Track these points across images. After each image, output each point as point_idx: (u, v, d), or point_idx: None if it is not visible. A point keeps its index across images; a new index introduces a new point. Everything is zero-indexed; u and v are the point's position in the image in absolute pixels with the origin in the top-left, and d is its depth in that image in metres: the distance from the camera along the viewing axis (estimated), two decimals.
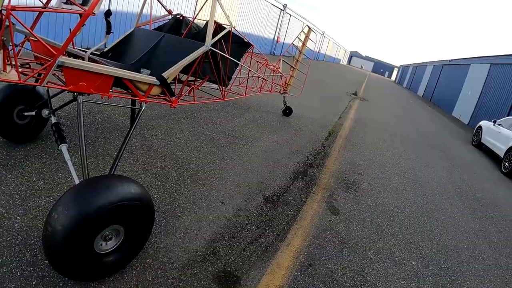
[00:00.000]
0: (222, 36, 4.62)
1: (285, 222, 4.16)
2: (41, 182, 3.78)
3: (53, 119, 3.74)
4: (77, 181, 2.92)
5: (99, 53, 4.77)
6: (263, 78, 7.23)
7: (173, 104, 4.11)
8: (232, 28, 4.79)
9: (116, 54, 4.93)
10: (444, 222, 5.41)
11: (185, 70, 4.39)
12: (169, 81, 3.83)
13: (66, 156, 3.24)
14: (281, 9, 31.27)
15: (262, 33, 29.13)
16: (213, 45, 4.34)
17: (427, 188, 6.78)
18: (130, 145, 5.09)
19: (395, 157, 8.40)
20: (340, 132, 9.32)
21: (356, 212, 4.87)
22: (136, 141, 5.30)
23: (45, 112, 3.89)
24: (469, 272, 4.22)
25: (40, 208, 3.38)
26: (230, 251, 3.42)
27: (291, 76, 8.98)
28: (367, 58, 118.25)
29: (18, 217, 3.20)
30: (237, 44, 5.14)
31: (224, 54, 4.67)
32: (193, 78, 4.94)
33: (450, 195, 6.82)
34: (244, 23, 25.38)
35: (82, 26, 2.85)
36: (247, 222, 3.97)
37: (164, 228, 3.49)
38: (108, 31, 4.15)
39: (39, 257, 2.79)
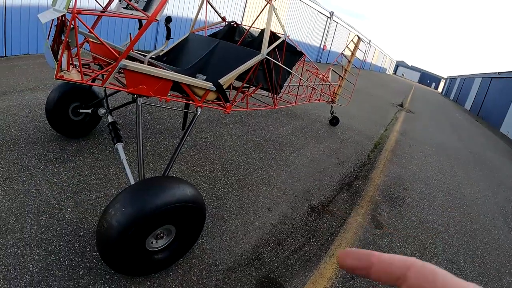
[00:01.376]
0: (276, 45, 4.68)
1: (329, 233, 4.22)
2: (93, 177, 3.98)
3: (110, 118, 3.89)
4: (132, 180, 3.08)
5: (155, 57, 4.94)
6: (313, 87, 7.28)
7: (227, 110, 4.18)
8: (286, 38, 4.84)
9: (171, 58, 5.07)
10: (488, 244, 5.29)
11: (239, 77, 4.44)
12: (224, 87, 3.90)
13: (122, 154, 3.38)
14: (328, 17, 31.11)
15: (309, 41, 29.07)
16: (268, 54, 4.40)
17: (472, 207, 6.64)
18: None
19: (441, 173, 8.26)
20: (386, 145, 9.25)
21: (400, 227, 4.86)
22: (186, 143, 5.46)
23: (101, 111, 4.07)
24: None
25: (91, 202, 3.55)
26: (274, 258, 3.50)
27: (339, 86, 8.98)
28: (413, 68, 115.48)
29: (69, 209, 3.38)
30: (290, 53, 5.18)
31: (278, 63, 4.73)
32: (247, 85, 5.02)
33: (495, 215, 6.65)
34: (291, 30, 25.44)
35: (144, 32, 2.94)
36: (292, 230, 4.05)
37: (211, 230, 3.59)
38: (168, 37, 4.31)
39: (88, 249, 2.93)
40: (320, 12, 29.27)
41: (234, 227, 3.76)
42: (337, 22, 33.53)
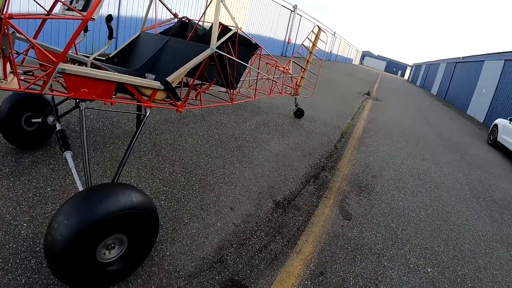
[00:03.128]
0: (229, 38, 4.55)
1: (295, 228, 4.05)
2: (48, 189, 3.78)
3: (58, 126, 3.74)
4: (81, 189, 2.90)
5: (104, 58, 4.73)
6: (273, 80, 7.14)
7: (179, 109, 4.05)
8: (239, 30, 4.71)
9: (122, 59, 4.90)
10: (461, 225, 5.24)
11: (191, 74, 4.33)
12: (174, 85, 3.78)
13: (71, 163, 3.24)
14: (292, 10, 31.17)
15: (273, 35, 29.06)
16: (219, 47, 4.27)
17: (443, 190, 6.61)
18: (138, 150, 5.06)
19: (410, 158, 8.23)
20: (353, 134, 9.17)
21: (370, 216, 4.73)
22: (145, 146, 5.26)
23: (50, 119, 3.93)
24: (487, 278, 4.06)
25: (47, 215, 3.36)
26: (238, 259, 3.33)
27: (301, 77, 8.86)
28: (379, 58, 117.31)
29: (24, 224, 3.20)
30: (244, 46, 5.05)
31: (231, 57, 4.59)
32: (200, 82, 4.86)
33: (466, 196, 6.64)
34: (254, 25, 25.35)
35: (82, 31, 2.87)
36: (256, 228, 3.87)
37: (171, 235, 3.43)
38: (110, 36, 4.10)
39: (44, 265, 2.77)
40: (283, 6, 29.26)
41: (195, 230, 3.59)
42: (301, 16, 33.61)
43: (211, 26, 4.92)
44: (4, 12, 2.50)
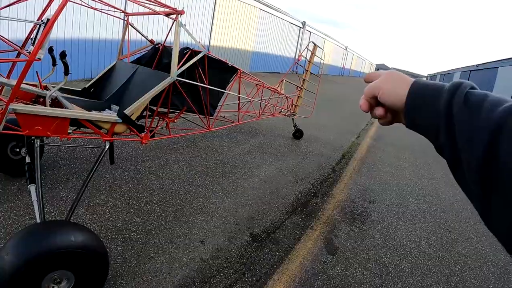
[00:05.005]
0: (200, 63, 4.45)
1: (269, 265, 3.71)
2: (27, 217, 3.85)
3: (28, 159, 3.86)
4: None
5: (80, 89, 4.86)
6: (260, 102, 6.91)
7: (143, 141, 4.02)
8: (207, 53, 4.57)
9: (97, 89, 4.98)
10: (468, 256, 4.70)
11: (156, 103, 4.28)
12: (134, 117, 3.75)
13: (33, 196, 3.29)
14: (300, 27, 31.14)
15: (282, 52, 29.03)
16: (190, 74, 4.25)
17: (450, 214, 6.10)
18: (120, 179, 4.98)
19: (416, 177, 7.78)
20: (355, 154, 8.78)
21: (359, 250, 4.32)
22: (128, 173, 5.16)
23: (24, 151, 4.12)
24: None
25: None
26: None
27: (298, 96, 8.58)
28: (394, 70, 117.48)
29: None
30: (218, 70, 4.90)
31: (198, 83, 4.49)
32: (170, 111, 4.76)
33: (477, 219, 6.02)
34: (262, 42, 25.32)
35: (27, 73, 2.87)
36: (225, 264, 3.60)
37: (133, 269, 3.30)
38: (66, 72, 4.12)
39: None
40: (292, 23, 29.26)
41: (159, 265, 3.42)
42: (310, 32, 33.55)
43: (181, 51, 4.82)
44: None
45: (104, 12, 5.32)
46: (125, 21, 5.44)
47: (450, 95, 0.70)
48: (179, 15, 4.15)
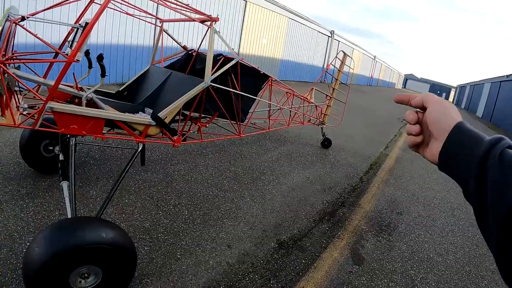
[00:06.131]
0: (233, 70, 4.53)
1: (295, 273, 3.72)
2: (57, 213, 3.97)
3: (61, 157, 3.99)
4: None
5: (114, 92, 5.02)
6: (290, 110, 6.95)
7: (175, 144, 4.10)
8: (240, 60, 4.64)
9: (130, 92, 5.12)
10: (495, 271, 4.57)
11: (189, 108, 4.37)
12: (167, 120, 3.84)
13: (65, 192, 3.39)
14: (329, 36, 31.08)
15: (311, 61, 29.00)
16: (223, 80, 4.33)
17: (479, 229, 5.99)
18: (149, 180, 5.09)
19: (444, 190, 7.65)
20: (383, 164, 8.70)
21: (385, 261, 4.28)
22: (156, 176, 5.27)
23: (57, 149, 4.23)
24: None
25: None
26: None
27: (327, 105, 8.58)
28: (422, 80, 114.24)
29: (27, 243, 3.39)
30: (251, 77, 4.97)
31: (231, 89, 4.56)
32: (203, 116, 4.86)
33: None
34: (291, 51, 25.36)
35: (65, 73, 2.99)
36: (250, 269, 3.63)
37: (159, 269, 3.37)
38: (103, 74, 4.24)
39: None
40: (320, 32, 29.22)
41: (185, 267, 3.47)
42: (339, 41, 33.45)
43: (216, 58, 4.92)
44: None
45: (138, 18, 5.44)
46: (158, 27, 5.56)
47: (487, 149, 0.71)
48: (214, 22, 4.24)
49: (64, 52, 3.99)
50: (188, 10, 4.42)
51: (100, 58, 3.95)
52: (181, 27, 13.90)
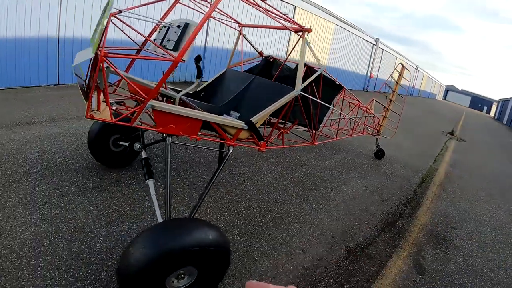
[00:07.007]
0: (313, 79, 4.59)
1: (365, 279, 3.98)
2: (127, 208, 4.08)
3: (144, 154, 3.96)
4: (159, 218, 3.12)
5: (192, 92, 5.04)
6: (355, 120, 7.13)
7: (261, 148, 4.15)
8: (323, 71, 4.75)
9: (208, 94, 5.13)
10: None
11: (275, 114, 4.43)
12: (258, 125, 3.88)
13: (152, 191, 3.41)
14: (373, 44, 30.87)
15: (355, 69, 28.93)
16: (304, 89, 4.35)
17: None
18: (217, 182, 5.28)
19: (493, 208, 7.71)
20: (434, 178, 8.81)
21: (445, 273, 4.52)
22: (223, 177, 5.49)
23: (137, 146, 4.07)
24: None
25: (123, 233, 3.64)
26: None
27: (384, 117, 8.76)
28: (463, 92, 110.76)
29: (100, 238, 3.49)
30: (328, 87, 5.09)
31: (315, 99, 4.64)
32: (283, 122, 4.97)
33: None
34: (335, 59, 25.39)
35: (172, 72, 3.01)
36: (325, 274, 3.84)
37: (240, 270, 3.49)
38: (199, 76, 4.31)
39: (113, 279, 2.99)
40: (365, 40, 29.10)
41: (264, 269, 3.63)
42: (383, 49, 33.19)
43: (296, 67, 5.05)
44: (100, 49, 2.71)
45: (219, 21, 5.48)
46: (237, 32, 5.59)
47: None
48: (306, 32, 4.33)
49: (147, 49, 4.14)
50: (286, 20, 4.43)
51: (198, 59, 4.09)
52: (254, 33, 14.21)
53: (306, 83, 4.33)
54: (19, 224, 3.50)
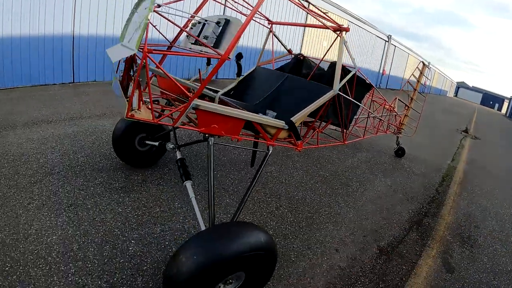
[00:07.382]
0: (349, 78, 4.60)
1: (399, 278, 4.07)
2: (157, 209, 4.04)
3: (179, 155, 3.92)
4: (202, 225, 3.06)
5: (220, 90, 4.94)
6: (380, 119, 7.19)
7: (298, 148, 4.14)
8: (358, 70, 4.77)
9: (238, 92, 5.07)
10: None
11: (311, 114, 4.40)
12: (296, 125, 3.86)
13: (191, 193, 3.36)
14: (386, 41, 30.73)
15: (368, 65, 28.82)
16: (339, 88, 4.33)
17: None
18: (244, 180, 5.33)
19: None
20: (454, 177, 8.88)
21: (472, 271, 4.63)
22: (250, 176, 5.53)
23: (170, 146, 4.07)
24: None
25: (155, 236, 3.58)
26: None
27: (405, 115, 8.83)
28: (474, 89, 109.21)
29: (133, 241, 3.42)
30: (359, 87, 5.10)
31: (349, 98, 4.65)
32: (318, 122, 4.96)
33: None
34: (349, 56, 25.38)
35: (217, 71, 2.96)
36: (361, 274, 3.92)
37: (278, 272, 3.49)
38: (239, 74, 4.27)
39: (151, 285, 2.93)
40: (378, 36, 29.00)
41: (302, 269, 3.67)
42: (395, 46, 33.04)
43: (330, 66, 5.01)
44: (142, 45, 2.61)
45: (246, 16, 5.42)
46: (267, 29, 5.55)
47: None
48: (344, 31, 4.32)
49: (178, 45, 4.08)
50: (326, 18, 4.40)
51: (239, 57, 4.04)
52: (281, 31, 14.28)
53: (343, 82, 4.33)
54: (45, 228, 3.41)
